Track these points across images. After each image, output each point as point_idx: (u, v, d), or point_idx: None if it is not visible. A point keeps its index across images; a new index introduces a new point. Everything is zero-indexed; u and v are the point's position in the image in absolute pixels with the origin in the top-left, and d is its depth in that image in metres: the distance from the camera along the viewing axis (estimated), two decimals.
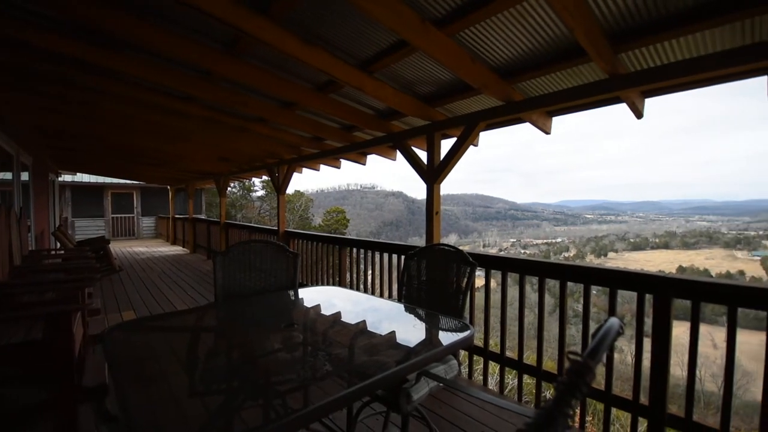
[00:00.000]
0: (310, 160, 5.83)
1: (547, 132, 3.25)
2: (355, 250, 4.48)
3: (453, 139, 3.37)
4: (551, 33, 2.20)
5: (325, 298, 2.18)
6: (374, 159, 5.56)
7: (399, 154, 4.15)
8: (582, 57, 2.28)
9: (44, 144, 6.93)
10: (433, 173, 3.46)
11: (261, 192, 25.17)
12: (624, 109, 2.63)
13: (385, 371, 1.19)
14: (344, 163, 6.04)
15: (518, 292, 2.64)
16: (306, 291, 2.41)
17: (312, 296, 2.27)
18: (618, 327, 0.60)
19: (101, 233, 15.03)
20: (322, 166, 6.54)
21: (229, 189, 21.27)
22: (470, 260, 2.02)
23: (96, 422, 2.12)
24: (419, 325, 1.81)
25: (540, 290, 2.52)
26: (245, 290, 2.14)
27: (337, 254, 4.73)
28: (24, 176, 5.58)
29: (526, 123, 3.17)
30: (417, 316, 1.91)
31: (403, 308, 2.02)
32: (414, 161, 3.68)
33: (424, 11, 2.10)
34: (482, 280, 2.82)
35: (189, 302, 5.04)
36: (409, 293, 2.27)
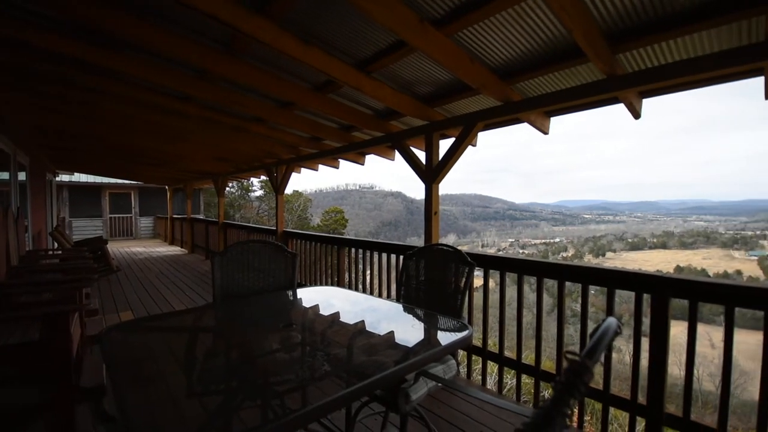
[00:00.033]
0: (309, 160, 5.83)
1: (546, 132, 3.26)
2: (354, 250, 4.48)
3: (451, 139, 3.38)
4: (549, 34, 2.21)
5: (324, 298, 2.18)
6: (373, 159, 5.58)
7: (398, 154, 4.15)
8: (580, 57, 2.29)
9: (42, 144, 6.91)
10: (432, 173, 3.46)
11: (259, 192, 25.17)
12: (622, 110, 2.64)
13: (384, 371, 1.19)
14: (343, 163, 6.05)
15: (516, 292, 2.64)
16: (304, 291, 2.41)
17: (310, 296, 2.26)
18: (616, 327, 0.60)
19: (99, 233, 14.99)
20: (321, 166, 6.54)
21: (228, 189, 21.27)
22: (469, 260, 2.03)
23: (93, 423, 2.11)
24: (418, 325, 1.81)
25: (538, 290, 2.52)
26: (243, 290, 2.13)
27: (336, 254, 4.72)
28: (21, 176, 5.56)
29: (525, 123, 3.18)
30: (415, 316, 1.91)
31: (402, 308, 2.03)
32: (413, 161, 3.68)
33: (423, 11, 2.10)
34: (481, 280, 2.82)
35: (187, 303, 5.03)
36: (408, 293, 2.27)
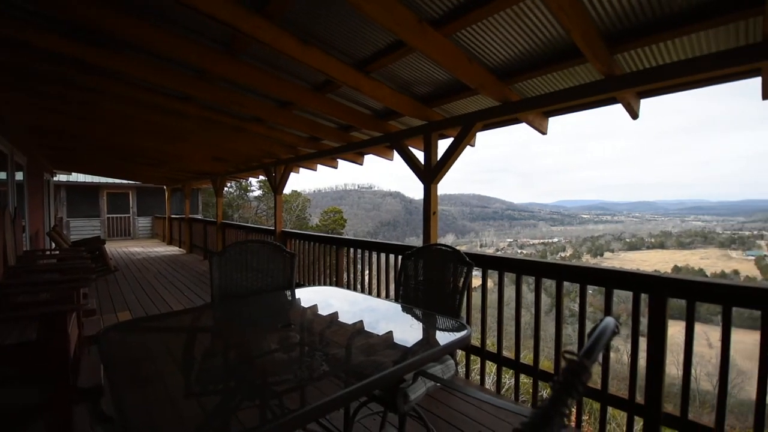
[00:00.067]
0: (307, 160, 5.83)
1: (544, 132, 3.26)
2: (353, 250, 4.48)
3: (450, 139, 3.38)
4: (548, 34, 2.21)
5: (322, 298, 2.18)
6: (371, 159, 5.57)
7: (396, 154, 4.15)
8: (578, 58, 2.29)
9: (39, 143, 6.89)
10: (431, 173, 3.46)
11: (258, 192, 25.13)
12: (620, 110, 2.65)
13: (382, 371, 1.19)
14: (341, 163, 6.04)
15: (515, 292, 2.64)
16: (303, 291, 2.40)
17: (309, 296, 2.26)
18: (613, 326, 0.60)
19: (97, 233, 14.94)
20: (320, 166, 6.54)
21: (226, 189, 21.24)
22: (467, 260, 2.03)
23: (91, 423, 2.10)
24: (416, 325, 1.81)
25: (536, 290, 2.53)
26: (242, 290, 2.13)
27: (335, 254, 4.72)
28: (18, 176, 5.55)
29: (523, 123, 3.19)
30: (414, 316, 1.91)
31: (401, 308, 2.03)
32: (411, 161, 3.68)
33: (421, 11, 2.11)
34: (479, 280, 2.83)
35: (185, 303, 5.02)
36: (407, 293, 2.28)
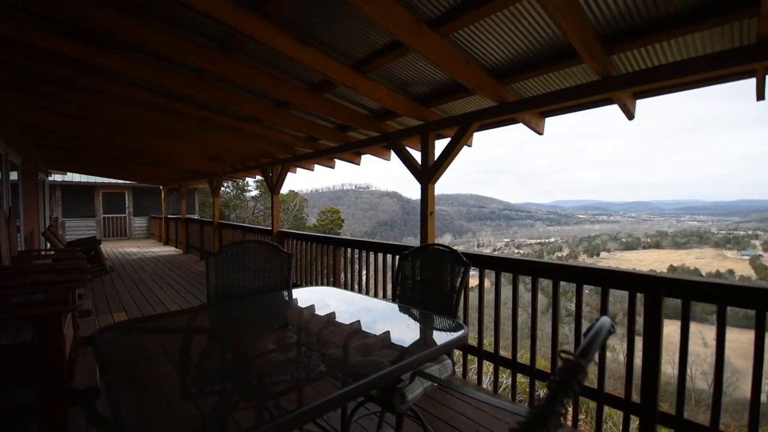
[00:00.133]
0: (305, 160, 5.82)
1: (540, 132, 3.27)
2: (350, 250, 4.47)
3: (447, 140, 3.38)
4: (544, 34, 2.22)
5: (320, 299, 2.18)
6: (369, 159, 5.57)
7: (393, 154, 4.16)
8: (574, 58, 2.30)
9: (35, 143, 6.84)
10: (428, 173, 3.46)
11: (255, 192, 25.07)
12: (616, 111, 2.66)
13: (380, 371, 1.19)
14: (339, 163, 6.03)
15: (512, 292, 2.65)
16: (300, 291, 2.40)
17: (306, 296, 2.26)
18: (609, 326, 0.60)
19: (92, 233, 14.85)
20: (317, 166, 6.53)
21: (223, 189, 21.16)
22: (464, 260, 2.03)
23: (87, 425, 2.09)
24: (413, 325, 1.81)
25: (533, 290, 2.54)
26: (238, 291, 2.12)
27: (332, 254, 4.72)
28: (13, 176, 5.50)
29: (520, 123, 3.19)
30: (411, 316, 1.91)
31: (398, 308, 2.03)
32: (408, 161, 3.68)
33: (419, 12, 2.11)
34: (476, 280, 2.83)
35: (181, 303, 5.00)
36: (404, 293, 2.28)
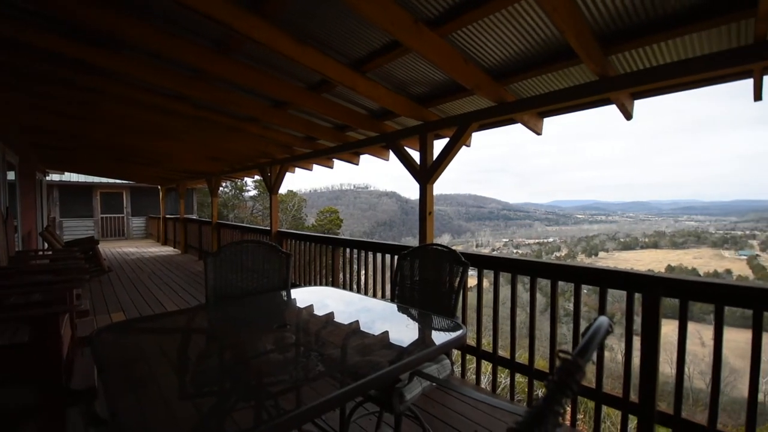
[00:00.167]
0: (303, 160, 5.81)
1: (539, 133, 3.28)
2: (349, 250, 4.47)
3: (446, 140, 3.38)
4: (542, 35, 2.22)
5: (318, 299, 2.18)
6: (367, 159, 5.57)
7: (392, 155, 4.16)
8: (572, 59, 2.30)
9: (33, 143, 6.81)
10: (426, 173, 3.46)
11: (253, 192, 25.03)
12: (614, 111, 2.67)
13: (378, 371, 1.19)
14: (337, 163, 6.03)
15: (510, 292, 2.65)
16: (299, 291, 2.40)
17: (305, 297, 2.26)
18: (607, 326, 0.60)
19: (90, 233, 14.81)
20: (315, 166, 6.52)
21: (221, 189, 21.13)
22: (463, 260, 2.03)
23: (85, 425, 2.09)
24: (412, 325, 1.81)
25: (531, 290, 2.54)
26: (237, 291, 2.12)
27: (330, 254, 4.71)
28: (10, 175, 5.48)
29: (518, 124, 3.20)
30: (410, 316, 1.91)
31: (396, 308, 2.03)
32: (407, 161, 3.68)
33: (417, 12, 2.11)
34: (475, 280, 2.83)
35: (180, 303, 4.99)
36: (402, 293, 2.28)
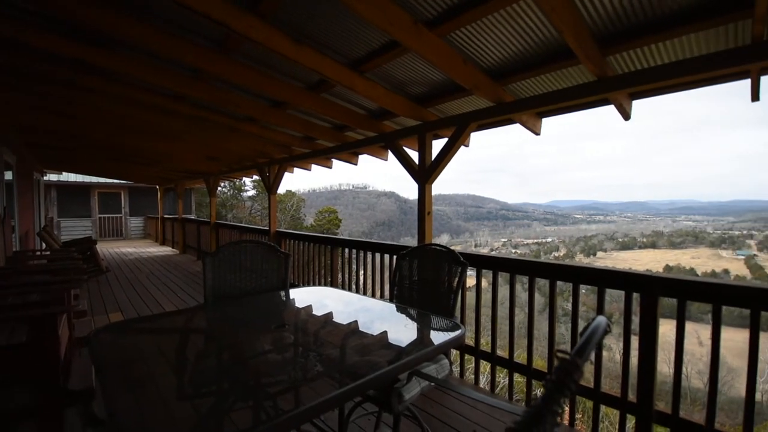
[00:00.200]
0: (302, 160, 5.81)
1: (537, 133, 3.28)
2: (347, 251, 4.47)
3: (444, 140, 3.38)
4: (541, 35, 2.22)
5: (317, 299, 2.18)
6: (366, 159, 5.57)
7: (391, 155, 4.16)
8: (571, 59, 2.31)
9: (32, 143, 6.79)
10: (425, 173, 3.46)
11: (252, 192, 24.98)
12: (613, 111, 2.67)
13: (377, 371, 1.19)
14: (336, 163, 6.03)
15: (509, 292, 2.66)
16: (297, 291, 2.40)
17: (303, 297, 2.26)
18: (605, 325, 0.61)
19: (88, 234, 14.76)
20: (314, 166, 6.51)
21: (220, 189, 21.09)
22: (461, 260, 2.03)
23: (82, 426, 2.08)
24: (411, 325, 1.81)
25: (530, 289, 2.54)
26: (235, 291, 2.12)
27: (329, 254, 4.71)
28: (8, 175, 5.46)
29: (517, 124, 3.20)
30: (408, 316, 1.91)
31: (395, 308, 2.03)
32: (406, 161, 3.68)
33: (416, 12, 2.11)
34: (473, 280, 2.83)
35: (178, 303, 4.98)
36: (401, 293, 2.28)
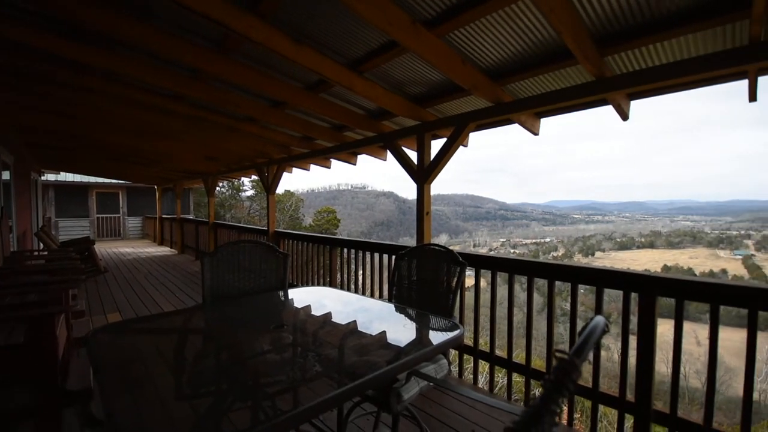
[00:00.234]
0: (300, 160, 5.80)
1: (536, 133, 3.28)
2: (346, 251, 4.47)
3: (443, 140, 3.38)
4: (539, 35, 2.23)
5: (316, 299, 2.18)
6: (365, 159, 5.57)
7: (389, 155, 4.15)
8: (569, 59, 2.31)
9: (28, 142, 6.76)
10: (424, 173, 3.47)
11: (250, 192, 24.95)
12: (611, 111, 2.68)
13: (376, 371, 1.19)
14: (335, 163, 6.02)
15: (507, 292, 2.66)
16: (296, 291, 2.40)
17: (302, 297, 2.26)
18: (603, 325, 0.61)
19: (86, 234, 14.72)
20: (313, 166, 6.51)
21: (218, 189, 21.08)
22: (460, 260, 2.04)
23: (80, 426, 2.07)
24: (409, 325, 1.81)
25: (529, 289, 2.55)
26: (234, 291, 2.12)
27: (328, 254, 4.71)
28: (5, 175, 5.44)
29: (515, 124, 3.20)
30: (407, 316, 1.91)
31: (394, 308, 2.03)
32: (404, 161, 3.68)
33: (415, 12, 2.11)
34: (472, 280, 2.84)
35: (176, 304, 4.97)
36: (400, 293, 2.28)
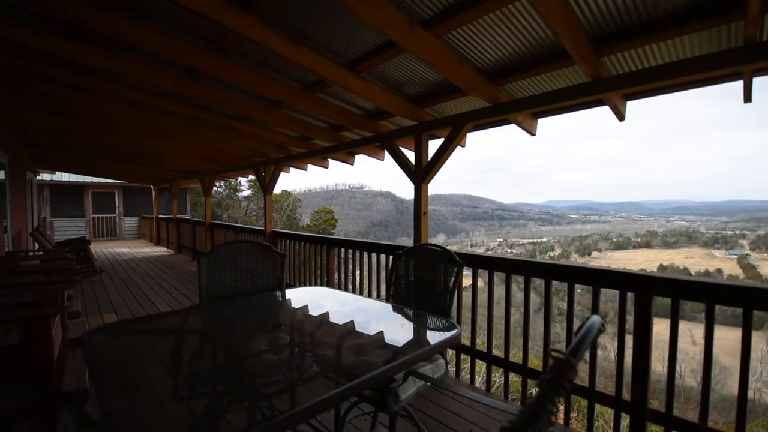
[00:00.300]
0: (298, 160, 5.79)
1: (533, 133, 3.29)
2: (344, 251, 4.46)
3: (440, 140, 3.39)
4: (536, 36, 2.23)
5: (313, 299, 2.17)
6: (362, 159, 5.57)
7: (387, 155, 4.15)
8: (566, 60, 2.32)
9: (23, 142, 6.72)
10: (421, 173, 3.47)
11: (247, 192, 24.90)
12: (607, 112, 2.69)
13: (373, 371, 1.19)
14: (332, 163, 6.02)
15: (504, 291, 2.67)
16: (293, 292, 2.39)
17: (299, 297, 2.25)
18: (599, 325, 0.61)
19: (82, 234, 14.64)
20: (310, 166, 6.50)
21: (215, 188, 20.99)
22: (457, 260, 2.04)
23: (76, 428, 2.06)
24: (407, 325, 1.81)
25: (526, 289, 2.55)
26: (231, 291, 2.11)
27: (325, 254, 4.70)
28: (0, 175, 5.40)
29: (513, 124, 3.21)
30: (405, 316, 1.91)
31: (391, 308, 2.03)
32: (402, 161, 3.69)
33: (413, 12, 2.11)
34: (469, 280, 2.84)
35: (173, 304, 4.95)
36: (397, 293, 2.28)
